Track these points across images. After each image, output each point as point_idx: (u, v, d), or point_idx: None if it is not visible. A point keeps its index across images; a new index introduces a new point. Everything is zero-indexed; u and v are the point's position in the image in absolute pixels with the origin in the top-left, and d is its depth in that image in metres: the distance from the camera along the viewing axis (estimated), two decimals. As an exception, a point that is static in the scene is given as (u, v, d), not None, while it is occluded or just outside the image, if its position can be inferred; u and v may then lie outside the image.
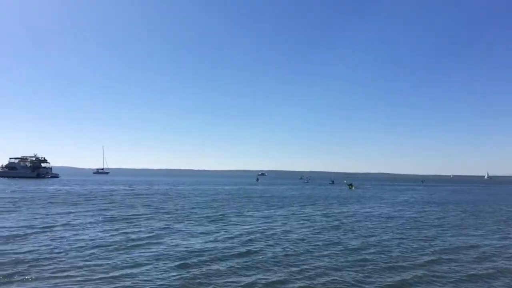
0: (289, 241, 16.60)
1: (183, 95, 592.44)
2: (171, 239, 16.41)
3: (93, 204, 31.28)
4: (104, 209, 27.55)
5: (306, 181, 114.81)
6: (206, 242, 16.04)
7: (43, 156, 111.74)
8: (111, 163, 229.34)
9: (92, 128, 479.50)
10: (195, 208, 30.08)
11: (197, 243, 15.67)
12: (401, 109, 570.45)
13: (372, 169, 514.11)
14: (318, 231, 19.72)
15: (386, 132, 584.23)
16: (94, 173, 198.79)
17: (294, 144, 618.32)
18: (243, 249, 14.72)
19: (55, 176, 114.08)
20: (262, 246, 15.39)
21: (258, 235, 18.07)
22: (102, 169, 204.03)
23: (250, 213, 27.42)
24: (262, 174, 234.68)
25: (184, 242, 15.82)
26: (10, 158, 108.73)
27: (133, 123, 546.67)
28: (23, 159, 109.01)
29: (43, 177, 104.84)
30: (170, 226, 20.06)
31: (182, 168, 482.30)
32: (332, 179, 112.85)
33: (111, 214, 24.92)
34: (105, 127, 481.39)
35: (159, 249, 14.41)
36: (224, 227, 20.19)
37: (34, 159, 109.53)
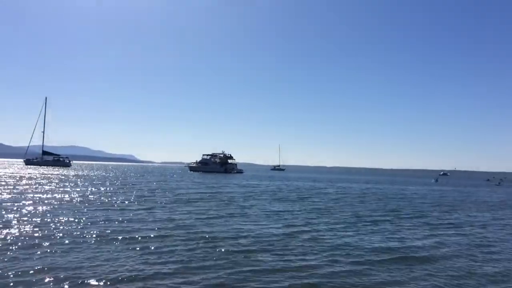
0: None
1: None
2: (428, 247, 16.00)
3: (316, 202, 33.30)
4: (338, 207, 28.99)
5: (497, 184, 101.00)
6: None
7: (229, 153, 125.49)
8: (286, 160, 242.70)
9: (269, 129, 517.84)
10: (423, 211, 29.00)
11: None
12: None
13: None
14: None
15: None
16: (271, 169, 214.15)
17: (477, 141, 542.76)
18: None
19: (240, 171, 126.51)
20: None
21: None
22: (279, 165, 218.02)
23: (470, 218, 24.97)
24: (444, 174, 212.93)
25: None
26: (203, 155, 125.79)
27: (305, 123, 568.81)
28: (213, 155, 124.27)
29: (230, 172, 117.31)
30: (430, 231, 19.71)
31: (353, 166, 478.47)
32: None
33: (367, 214, 25.96)
34: (280, 128, 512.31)
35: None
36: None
37: (222, 155, 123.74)
